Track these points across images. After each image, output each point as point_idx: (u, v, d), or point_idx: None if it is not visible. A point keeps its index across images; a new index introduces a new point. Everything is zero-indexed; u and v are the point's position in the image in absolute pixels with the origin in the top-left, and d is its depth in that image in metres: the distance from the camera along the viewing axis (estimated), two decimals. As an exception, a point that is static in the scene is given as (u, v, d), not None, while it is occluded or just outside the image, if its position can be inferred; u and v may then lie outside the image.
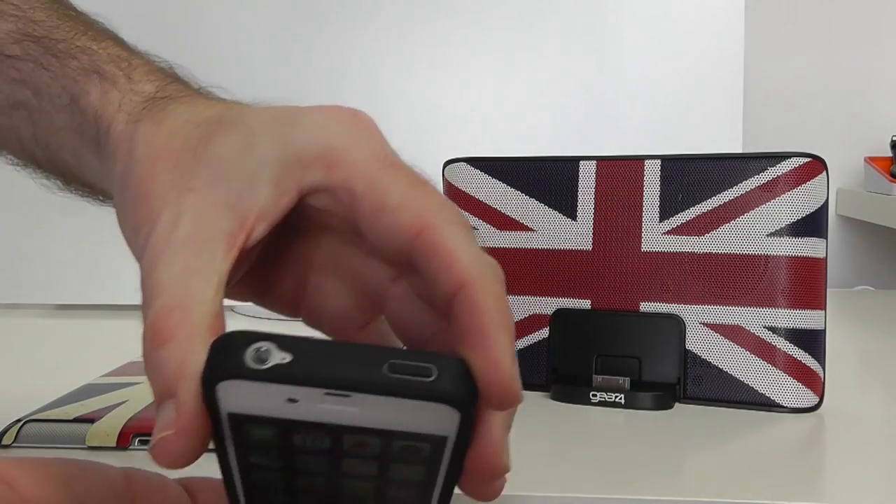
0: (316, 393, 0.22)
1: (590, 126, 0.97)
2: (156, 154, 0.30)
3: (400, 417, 0.23)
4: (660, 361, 0.59)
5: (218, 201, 0.28)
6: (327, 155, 0.28)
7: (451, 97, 0.96)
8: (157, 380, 0.25)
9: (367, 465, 0.25)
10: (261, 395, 0.23)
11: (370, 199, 0.27)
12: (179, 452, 0.24)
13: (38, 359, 0.75)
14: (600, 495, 0.43)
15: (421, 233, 0.26)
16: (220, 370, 0.23)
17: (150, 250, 0.28)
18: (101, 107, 0.33)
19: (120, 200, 0.31)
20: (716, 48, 0.97)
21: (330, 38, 0.96)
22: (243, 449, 0.24)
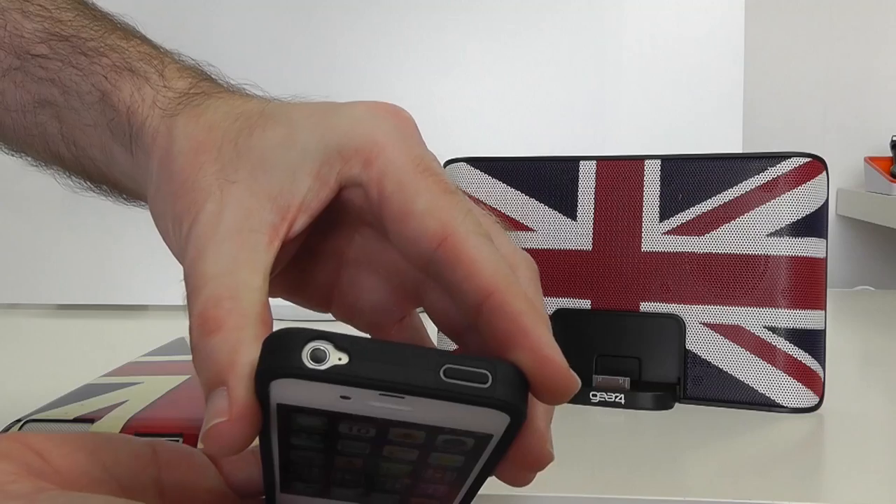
0: (370, 393, 0.23)
1: (590, 126, 0.97)
2: (196, 147, 0.30)
3: (451, 417, 0.23)
4: (660, 361, 0.59)
5: (260, 193, 0.28)
6: (366, 150, 0.28)
7: (451, 97, 0.96)
8: (208, 368, 0.25)
9: (408, 452, 0.25)
10: (314, 391, 0.23)
11: (398, 201, 0.27)
12: (232, 440, 0.24)
13: (38, 359, 0.75)
14: (600, 495, 0.43)
15: (443, 242, 0.26)
16: (276, 368, 0.23)
17: (194, 241, 0.27)
18: (134, 103, 0.33)
19: (156, 194, 0.31)
20: (716, 48, 0.97)
21: (329, 37, 0.96)
22: (286, 433, 0.25)
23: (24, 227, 0.95)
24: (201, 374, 0.25)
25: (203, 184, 0.29)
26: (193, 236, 0.28)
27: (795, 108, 1.36)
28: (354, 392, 0.22)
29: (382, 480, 0.26)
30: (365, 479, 0.26)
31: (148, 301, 0.96)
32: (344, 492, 0.27)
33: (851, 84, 1.37)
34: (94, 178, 0.38)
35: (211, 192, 0.28)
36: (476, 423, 0.24)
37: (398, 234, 0.27)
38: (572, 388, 0.24)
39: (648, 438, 0.52)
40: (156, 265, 0.92)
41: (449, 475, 0.26)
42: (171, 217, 0.30)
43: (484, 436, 0.24)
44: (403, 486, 0.26)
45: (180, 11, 0.93)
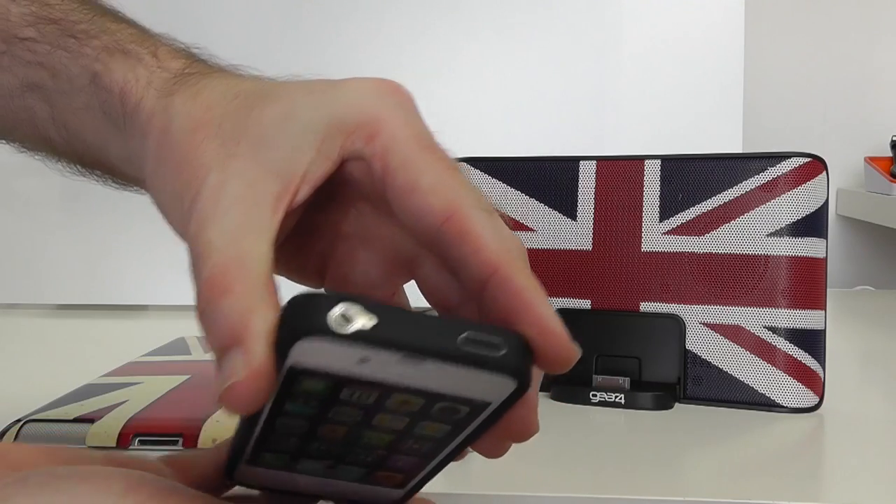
0: (392, 357, 0.23)
1: (590, 126, 0.97)
2: (195, 125, 0.30)
3: (460, 384, 0.24)
4: (660, 361, 0.59)
5: (262, 165, 0.28)
6: (369, 124, 0.28)
7: (451, 97, 0.96)
8: (220, 329, 0.25)
9: (397, 420, 0.25)
10: (335, 353, 0.23)
11: (403, 176, 0.27)
12: (251, 399, 0.24)
13: (38, 359, 0.75)
14: (600, 495, 0.43)
15: (450, 218, 0.26)
16: (302, 328, 0.23)
17: (197, 213, 0.28)
18: (128, 83, 0.33)
19: (155, 173, 0.31)
20: (716, 48, 0.97)
21: (328, 37, 0.96)
22: (284, 398, 0.25)
23: (24, 227, 0.95)
24: (213, 335, 0.25)
25: (204, 159, 0.29)
26: (197, 209, 0.28)
27: (795, 108, 1.36)
28: (377, 355, 0.23)
29: (357, 452, 0.27)
30: (340, 449, 0.27)
31: (148, 301, 0.96)
32: (311, 465, 0.27)
33: (851, 84, 1.37)
34: (87, 162, 0.37)
35: (212, 166, 0.29)
36: (480, 391, 0.24)
37: (403, 208, 0.28)
38: (573, 359, 0.26)
39: (648, 438, 0.52)
40: (156, 265, 0.92)
41: (427, 446, 0.26)
42: (172, 194, 0.30)
43: (481, 404, 0.25)
44: (375, 459, 0.27)
45: (171, 11, 0.93)
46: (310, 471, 0.28)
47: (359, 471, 0.28)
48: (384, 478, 0.28)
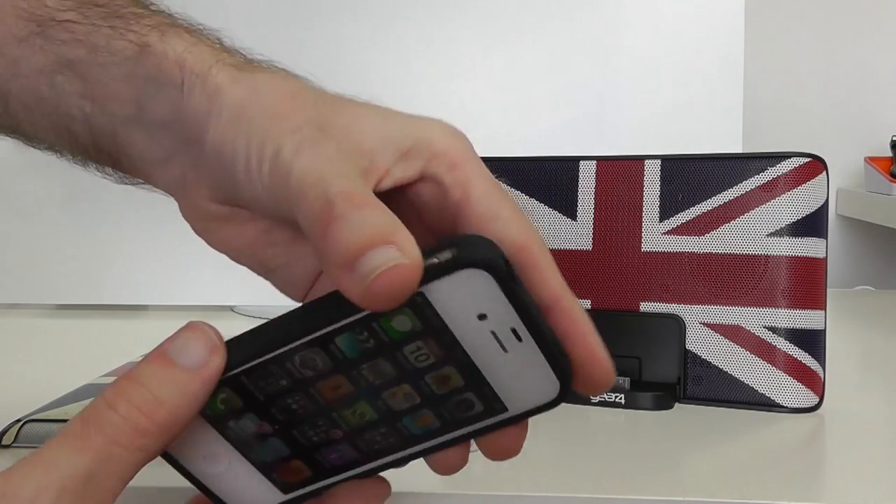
0: (507, 317, 0.26)
1: (590, 126, 0.97)
2: (291, 93, 0.32)
3: (514, 370, 0.27)
4: (660, 361, 0.59)
5: (357, 145, 0.30)
6: (451, 155, 0.31)
7: (451, 97, 0.96)
8: (364, 231, 0.26)
9: (415, 394, 0.27)
10: (471, 297, 0.25)
11: (486, 205, 0.31)
12: (409, 284, 0.25)
13: (38, 359, 0.75)
14: (600, 495, 0.43)
15: (524, 248, 0.30)
16: (481, 259, 0.25)
17: (308, 154, 0.29)
18: (189, 54, 0.33)
19: (229, 126, 0.32)
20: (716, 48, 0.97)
21: (328, 36, 0.96)
22: (357, 330, 0.26)
23: (24, 227, 0.95)
24: (354, 237, 0.26)
25: (301, 118, 0.31)
26: (304, 149, 0.29)
27: (795, 108, 1.36)
28: (502, 310, 0.26)
29: (359, 417, 0.28)
30: (348, 415, 0.28)
31: (148, 301, 0.96)
32: (304, 431, 0.29)
33: (851, 84, 1.37)
34: (100, 144, 0.37)
35: (311, 128, 0.30)
36: (528, 387, 0.28)
37: (481, 232, 0.30)
38: (611, 383, 0.30)
39: (648, 438, 0.52)
40: (156, 265, 0.92)
41: (421, 428, 0.28)
42: (261, 139, 0.30)
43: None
44: (364, 431, 0.29)
45: (176, 7, 0.93)
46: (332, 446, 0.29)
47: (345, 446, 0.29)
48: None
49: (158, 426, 0.26)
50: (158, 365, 0.27)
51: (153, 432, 0.26)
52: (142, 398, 0.26)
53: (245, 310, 0.90)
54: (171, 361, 0.27)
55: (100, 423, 0.26)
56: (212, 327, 0.28)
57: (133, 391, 0.26)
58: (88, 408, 0.26)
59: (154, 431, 0.26)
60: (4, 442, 0.48)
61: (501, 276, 0.25)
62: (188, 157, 0.34)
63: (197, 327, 0.28)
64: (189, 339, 0.27)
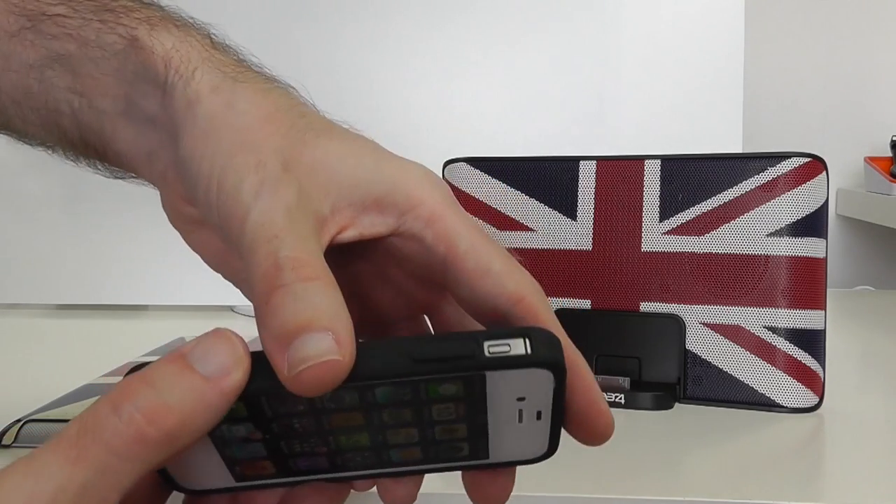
0: (542, 403, 0.27)
1: (590, 126, 0.97)
2: (265, 116, 0.31)
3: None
4: (660, 361, 0.59)
5: (323, 186, 0.29)
6: (427, 209, 0.31)
7: (451, 97, 0.96)
8: (304, 309, 0.25)
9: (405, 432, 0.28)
10: (516, 385, 0.26)
11: (474, 260, 0.30)
12: (338, 377, 0.24)
13: (38, 359, 0.75)
14: (600, 495, 0.43)
15: (520, 301, 0.29)
16: (552, 362, 0.26)
17: (267, 195, 0.28)
18: (176, 51, 0.33)
19: (200, 139, 0.31)
20: (716, 48, 0.97)
21: (328, 36, 0.96)
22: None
23: (24, 227, 0.95)
24: (293, 316, 0.25)
25: (269, 149, 0.29)
26: (265, 192, 0.28)
27: (795, 108, 1.36)
28: (541, 398, 0.27)
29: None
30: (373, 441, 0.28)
31: (148, 301, 0.96)
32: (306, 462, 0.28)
33: (851, 84, 1.37)
34: (88, 139, 0.37)
35: (274, 161, 0.29)
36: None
37: (474, 288, 0.30)
38: (610, 435, 0.30)
39: (648, 438, 0.52)
40: (156, 265, 0.92)
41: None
42: (215, 166, 0.30)
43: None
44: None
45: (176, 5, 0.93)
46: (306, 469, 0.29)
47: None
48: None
49: (164, 435, 0.24)
50: (175, 366, 0.25)
51: (157, 441, 0.24)
52: (149, 402, 0.24)
53: (245, 310, 0.90)
54: (188, 365, 0.25)
55: (98, 430, 0.24)
56: (239, 338, 0.26)
57: (141, 393, 0.24)
58: (90, 410, 0.24)
59: (158, 441, 0.24)
60: (4, 442, 0.48)
61: (561, 379, 0.26)
62: (170, 154, 0.33)
63: (223, 335, 0.26)
64: (213, 345, 0.25)
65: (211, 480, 0.29)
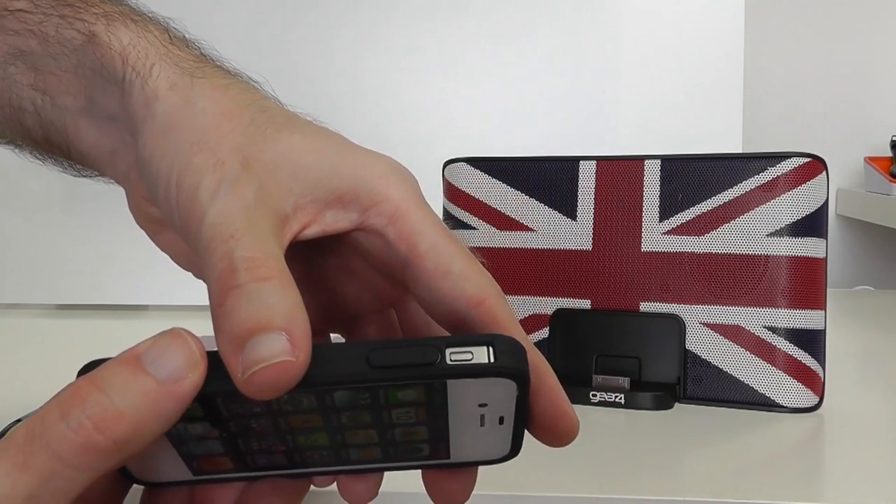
0: (504, 409, 0.27)
1: (590, 126, 0.97)
2: (223, 113, 0.30)
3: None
4: (660, 361, 0.59)
5: (283, 184, 0.29)
6: (391, 206, 0.30)
7: (451, 97, 0.96)
8: (259, 310, 0.24)
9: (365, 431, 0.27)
10: (478, 393, 0.26)
11: (434, 260, 0.29)
12: (292, 379, 0.23)
13: (38, 359, 0.75)
14: (600, 495, 0.43)
15: (481, 303, 0.29)
16: (516, 372, 0.25)
17: (224, 196, 0.27)
18: (133, 47, 0.32)
19: (159, 138, 0.30)
20: (716, 48, 0.97)
21: (329, 36, 0.96)
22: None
23: (24, 227, 0.95)
24: (246, 316, 0.24)
25: (228, 148, 0.29)
26: (222, 191, 0.27)
27: (795, 108, 1.36)
28: (504, 405, 0.26)
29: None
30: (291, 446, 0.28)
31: (148, 301, 0.96)
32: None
33: (851, 84, 1.37)
34: (51, 135, 0.36)
35: (233, 159, 0.28)
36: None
37: (433, 288, 0.29)
38: (573, 437, 0.29)
39: (648, 438, 0.52)
40: (156, 265, 0.92)
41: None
42: (174, 164, 0.29)
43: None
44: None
45: (176, 7, 0.93)
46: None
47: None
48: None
49: (114, 443, 0.23)
50: (128, 369, 0.24)
51: (106, 449, 0.23)
52: (99, 408, 0.23)
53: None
54: (142, 368, 0.24)
55: (46, 437, 0.23)
56: (194, 337, 0.25)
57: (91, 398, 0.23)
58: (39, 415, 0.23)
59: (108, 448, 0.23)
60: (4, 442, 0.48)
61: (525, 388, 0.26)
62: (131, 153, 0.32)
63: (178, 335, 0.25)
64: (169, 347, 0.24)
65: (169, 474, 0.28)
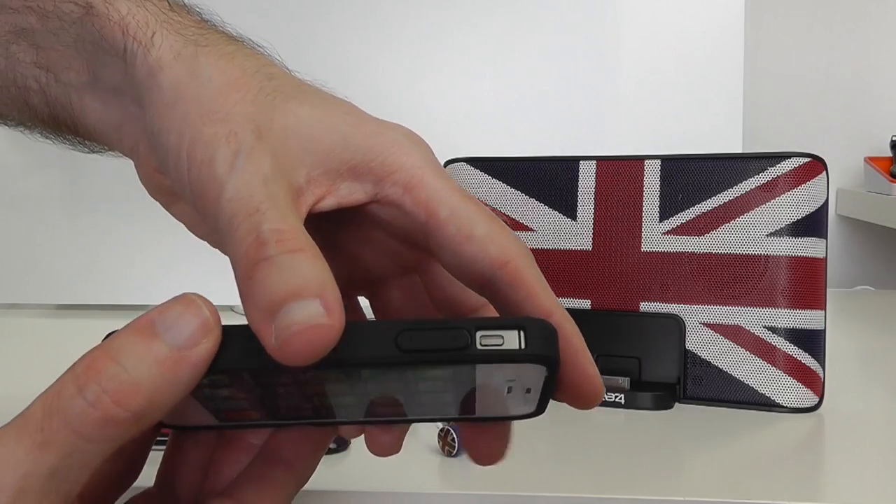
0: (532, 384, 0.26)
1: (590, 126, 0.97)
2: (230, 82, 0.29)
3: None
4: (660, 361, 0.59)
5: (291, 159, 0.28)
6: (409, 172, 0.29)
7: (450, 97, 0.96)
8: (291, 281, 0.24)
9: None
10: (507, 374, 0.25)
11: (455, 226, 0.29)
12: (328, 342, 0.23)
13: (38, 359, 0.75)
14: (600, 495, 0.43)
15: (506, 265, 0.28)
16: (546, 357, 0.25)
17: (242, 166, 0.27)
18: (133, 16, 0.31)
19: (167, 108, 0.30)
20: (716, 48, 0.97)
21: (328, 36, 0.96)
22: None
23: (24, 227, 0.95)
24: (279, 285, 0.24)
25: (238, 118, 0.28)
26: (239, 164, 0.27)
27: (795, 108, 1.36)
28: (531, 381, 0.26)
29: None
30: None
31: (148, 301, 0.96)
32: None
33: (851, 84, 1.37)
34: (58, 113, 0.36)
35: (246, 129, 0.28)
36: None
37: (457, 253, 0.29)
38: (598, 400, 0.28)
39: (648, 438, 0.52)
40: (156, 265, 0.92)
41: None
42: (184, 135, 0.28)
43: None
44: None
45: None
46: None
47: None
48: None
49: (132, 415, 0.23)
50: (141, 338, 0.24)
51: (125, 421, 0.23)
52: (115, 380, 0.23)
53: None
54: (155, 335, 0.23)
55: (64, 412, 0.23)
56: (207, 302, 0.24)
57: (106, 370, 0.23)
58: (54, 389, 0.23)
59: (127, 420, 0.23)
60: (4, 442, 0.48)
61: (554, 370, 0.25)
62: (139, 126, 0.32)
63: (192, 301, 0.24)
64: (182, 313, 0.24)
65: (195, 420, 0.28)
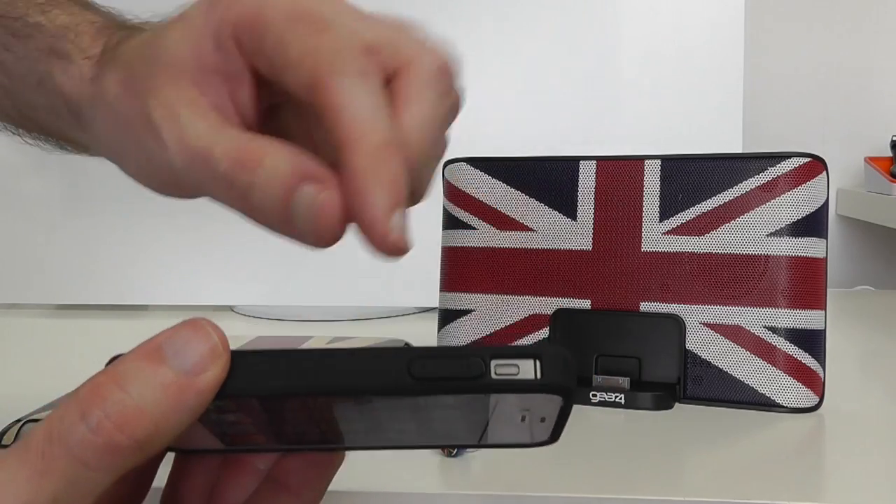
0: (546, 413, 0.26)
1: (590, 126, 0.97)
2: (121, 86, 0.31)
3: None
4: (660, 361, 0.59)
5: (187, 82, 0.29)
6: (249, 19, 0.28)
7: (451, 97, 0.96)
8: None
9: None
10: (522, 403, 0.25)
11: (277, 56, 0.27)
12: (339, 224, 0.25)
13: (38, 359, 0.75)
14: (600, 495, 0.43)
15: (312, 89, 0.26)
16: (563, 388, 0.24)
17: (166, 132, 0.28)
18: (67, 84, 0.34)
19: (115, 143, 0.32)
20: (716, 47, 0.97)
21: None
22: None
23: (24, 228, 0.95)
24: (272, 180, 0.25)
25: (140, 106, 0.29)
26: (164, 128, 0.28)
27: (795, 108, 1.36)
28: (546, 410, 0.25)
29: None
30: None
31: (148, 301, 0.96)
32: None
33: (851, 84, 1.37)
34: (57, 141, 0.39)
35: (148, 103, 0.29)
36: None
37: (286, 86, 0.27)
38: (395, 248, 0.26)
39: (648, 438, 0.52)
40: (156, 265, 0.92)
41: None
42: (137, 149, 0.30)
43: None
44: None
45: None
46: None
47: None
48: None
49: (136, 442, 0.22)
50: (148, 363, 0.23)
51: (129, 448, 0.22)
52: (119, 406, 0.22)
53: (245, 310, 0.90)
54: (162, 360, 0.23)
55: (66, 439, 0.22)
56: (216, 328, 0.24)
57: (111, 396, 0.22)
58: (57, 414, 0.22)
59: (130, 448, 0.22)
60: (4, 442, 0.48)
61: (570, 400, 0.24)
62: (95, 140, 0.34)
63: (200, 326, 0.24)
64: (189, 337, 0.23)
65: (200, 443, 0.28)
